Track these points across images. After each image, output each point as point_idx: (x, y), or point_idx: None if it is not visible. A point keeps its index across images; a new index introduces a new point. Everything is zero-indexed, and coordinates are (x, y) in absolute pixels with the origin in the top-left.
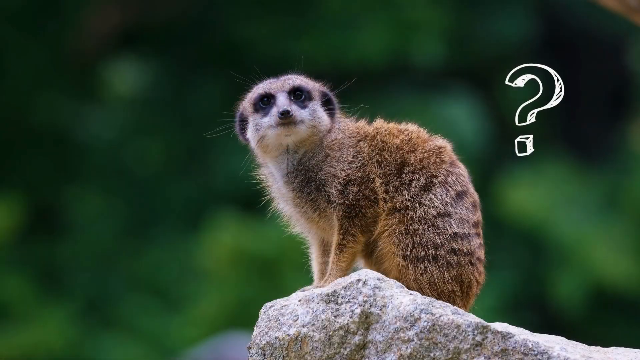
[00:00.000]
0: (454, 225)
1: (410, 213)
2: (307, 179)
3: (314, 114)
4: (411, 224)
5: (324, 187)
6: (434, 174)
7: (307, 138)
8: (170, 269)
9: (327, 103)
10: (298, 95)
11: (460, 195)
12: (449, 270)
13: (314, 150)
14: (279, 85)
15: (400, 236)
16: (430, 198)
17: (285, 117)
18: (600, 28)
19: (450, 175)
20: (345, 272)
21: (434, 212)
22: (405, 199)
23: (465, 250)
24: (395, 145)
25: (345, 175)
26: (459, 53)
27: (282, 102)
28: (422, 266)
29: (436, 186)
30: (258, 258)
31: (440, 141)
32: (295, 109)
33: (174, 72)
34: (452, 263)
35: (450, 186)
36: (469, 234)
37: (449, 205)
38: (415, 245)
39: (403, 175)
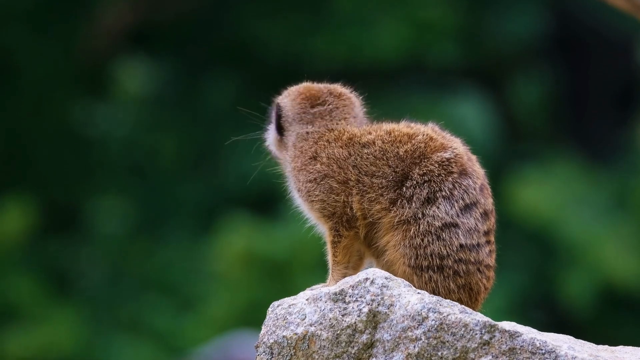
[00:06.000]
0: (460, 237)
1: (413, 229)
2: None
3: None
4: (414, 239)
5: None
6: (439, 187)
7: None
8: (181, 269)
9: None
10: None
11: (469, 207)
12: (455, 280)
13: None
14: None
15: (405, 249)
16: (434, 211)
17: None
18: (609, 27)
19: (456, 189)
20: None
21: (439, 224)
22: (408, 212)
23: (473, 260)
24: (399, 155)
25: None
26: (469, 51)
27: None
28: (427, 275)
29: (439, 200)
30: (269, 260)
31: (449, 152)
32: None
33: (186, 71)
34: (460, 272)
35: (455, 200)
36: (478, 243)
37: (456, 217)
38: (419, 257)
39: (404, 189)
